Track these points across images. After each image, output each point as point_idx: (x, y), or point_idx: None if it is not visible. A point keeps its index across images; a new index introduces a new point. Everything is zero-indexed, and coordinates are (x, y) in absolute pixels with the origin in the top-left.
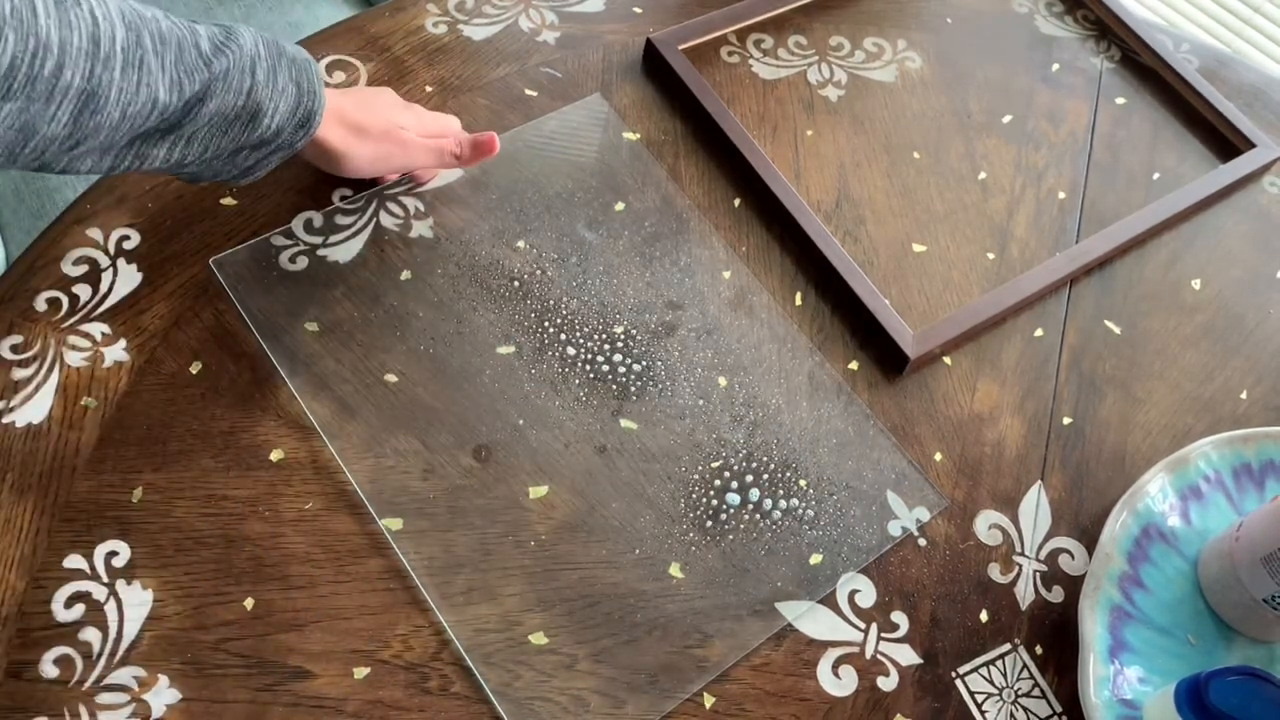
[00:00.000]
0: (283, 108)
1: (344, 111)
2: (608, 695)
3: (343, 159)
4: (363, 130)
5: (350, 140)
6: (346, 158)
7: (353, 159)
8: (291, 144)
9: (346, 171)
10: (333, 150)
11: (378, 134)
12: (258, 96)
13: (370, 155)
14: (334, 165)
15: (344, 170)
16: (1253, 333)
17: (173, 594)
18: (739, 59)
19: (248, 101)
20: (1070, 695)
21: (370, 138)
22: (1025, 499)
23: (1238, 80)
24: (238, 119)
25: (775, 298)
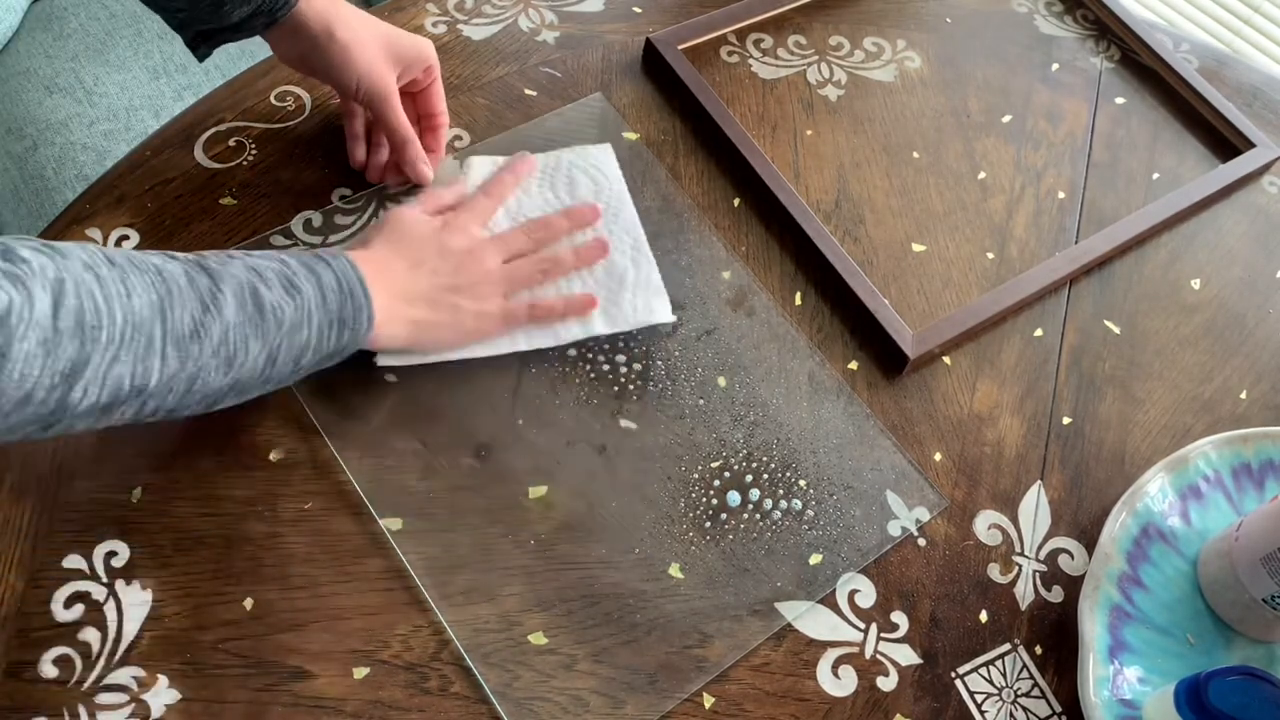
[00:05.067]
0: (330, 346)
1: (396, 301)
2: (607, 695)
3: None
4: (415, 309)
5: (412, 329)
6: (421, 344)
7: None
8: (343, 351)
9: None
10: (403, 343)
11: (429, 306)
12: (312, 347)
13: (434, 338)
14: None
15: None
16: (1252, 332)
17: (172, 594)
18: (738, 59)
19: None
20: (1070, 695)
21: (426, 315)
22: (1025, 499)
23: (1237, 80)
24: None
25: (775, 298)
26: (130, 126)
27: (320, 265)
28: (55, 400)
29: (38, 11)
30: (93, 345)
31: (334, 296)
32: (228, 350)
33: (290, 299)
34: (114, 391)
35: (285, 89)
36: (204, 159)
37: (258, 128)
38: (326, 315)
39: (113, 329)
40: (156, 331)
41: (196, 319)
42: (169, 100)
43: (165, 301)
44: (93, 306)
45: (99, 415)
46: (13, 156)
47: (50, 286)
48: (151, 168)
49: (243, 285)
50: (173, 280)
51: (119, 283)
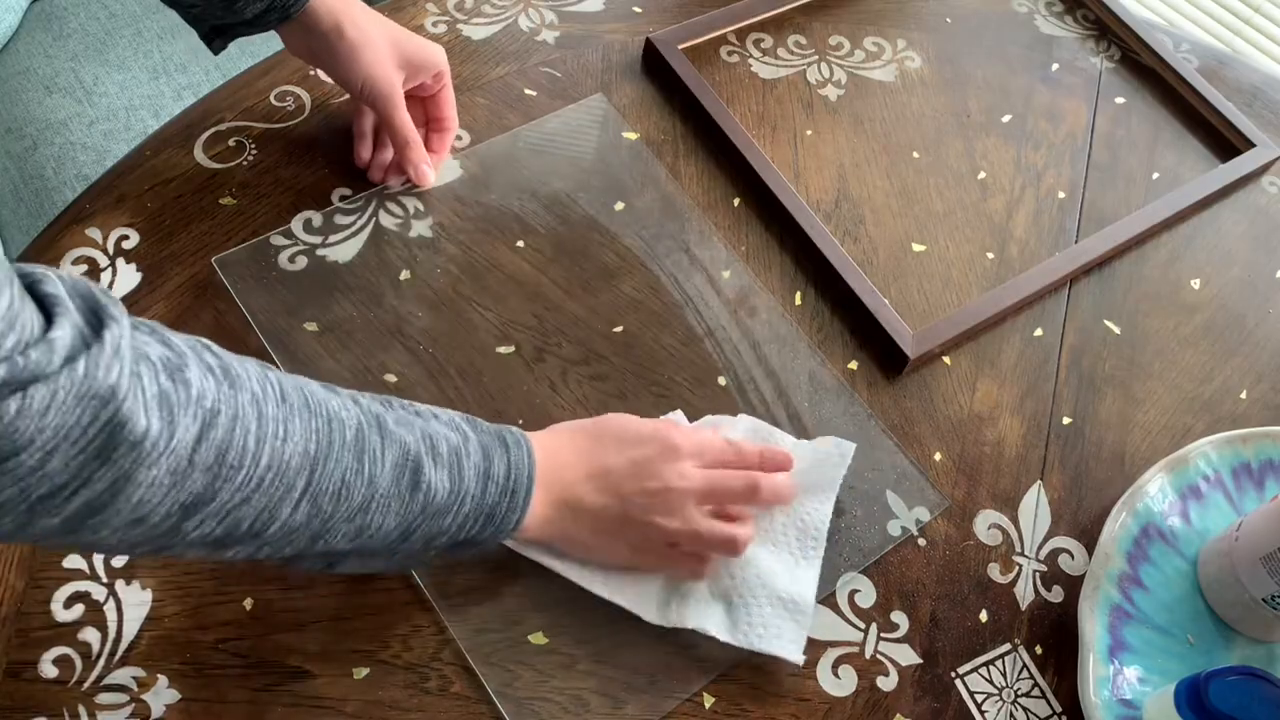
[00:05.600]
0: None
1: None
2: (607, 695)
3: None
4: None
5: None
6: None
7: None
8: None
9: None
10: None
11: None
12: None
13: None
14: None
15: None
16: (1252, 332)
17: (172, 594)
18: (738, 59)
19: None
20: (1070, 695)
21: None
22: (1025, 499)
23: (1237, 80)
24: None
25: (775, 297)
26: (130, 126)
27: (499, 451)
28: (169, 526)
29: (37, 11)
30: (224, 483)
31: (494, 490)
32: (364, 519)
33: (449, 482)
34: (230, 528)
35: (285, 89)
36: (204, 159)
37: (258, 128)
38: (478, 507)
39: (253, 470)
40: (299, 483)
41: (346, 480)
42: (169, 100)
43: (321, 455)
44: (240, 445)
45: (212, 548)
46: (12, 156)
47: (201, 416)
48: (151, 168)
49: (408, 457)
50: (339, 433)
51: (281, 424)
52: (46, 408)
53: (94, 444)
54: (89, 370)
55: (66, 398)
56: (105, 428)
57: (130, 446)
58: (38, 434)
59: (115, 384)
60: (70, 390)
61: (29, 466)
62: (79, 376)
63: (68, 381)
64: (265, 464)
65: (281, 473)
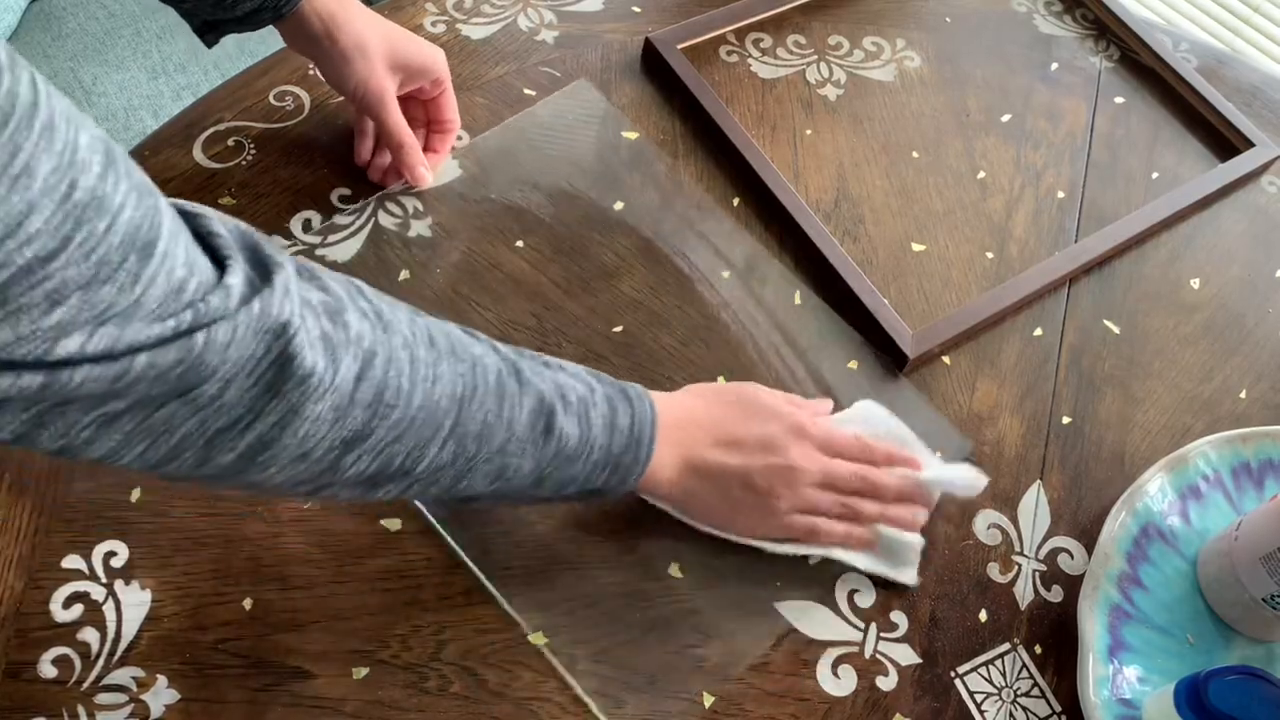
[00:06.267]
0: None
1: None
2: (607, 695)
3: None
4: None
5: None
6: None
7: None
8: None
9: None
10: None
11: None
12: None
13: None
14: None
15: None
16: (1252, 332)
17: (171, 594)
18: (738, 58)
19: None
20: (1069, 695)
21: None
22: (1024, 498)
23: (1236, 80)
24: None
25: (774, 297)
26: (129, 126)
27: (623, 402)
28: (329, 461)
29: (36, 11)
30: (380, 420)
31: (620, 439)
32: (502, 461)
33: (579, 430)
34: (383, 466)
35: (284, 89)
36: (203, 159)
37: (257, 128)
38: (606, 456)
39: (406, 410)
40: (446, 423)
41: (488, 422)
42: (168, 100)
43: (466, 398)
44: (396, 385)
45: (365, 487)
46: None
47: (361, 356)
48: (150, 168)
49: (543, 402)
50: (483, 378)
51: (431, 367)
52: (229, 342)
53: (266, 376)
54: (264, 307)
55: (245, 332)
56: (277, 361)
57: (299, 381)
58: (220, 365)
59: (288, 319)
60: (249, 325)
61: (209, 396)
62: (255, 313)
63: (246, 318)
64: (418, 404)
65: (431, 412)
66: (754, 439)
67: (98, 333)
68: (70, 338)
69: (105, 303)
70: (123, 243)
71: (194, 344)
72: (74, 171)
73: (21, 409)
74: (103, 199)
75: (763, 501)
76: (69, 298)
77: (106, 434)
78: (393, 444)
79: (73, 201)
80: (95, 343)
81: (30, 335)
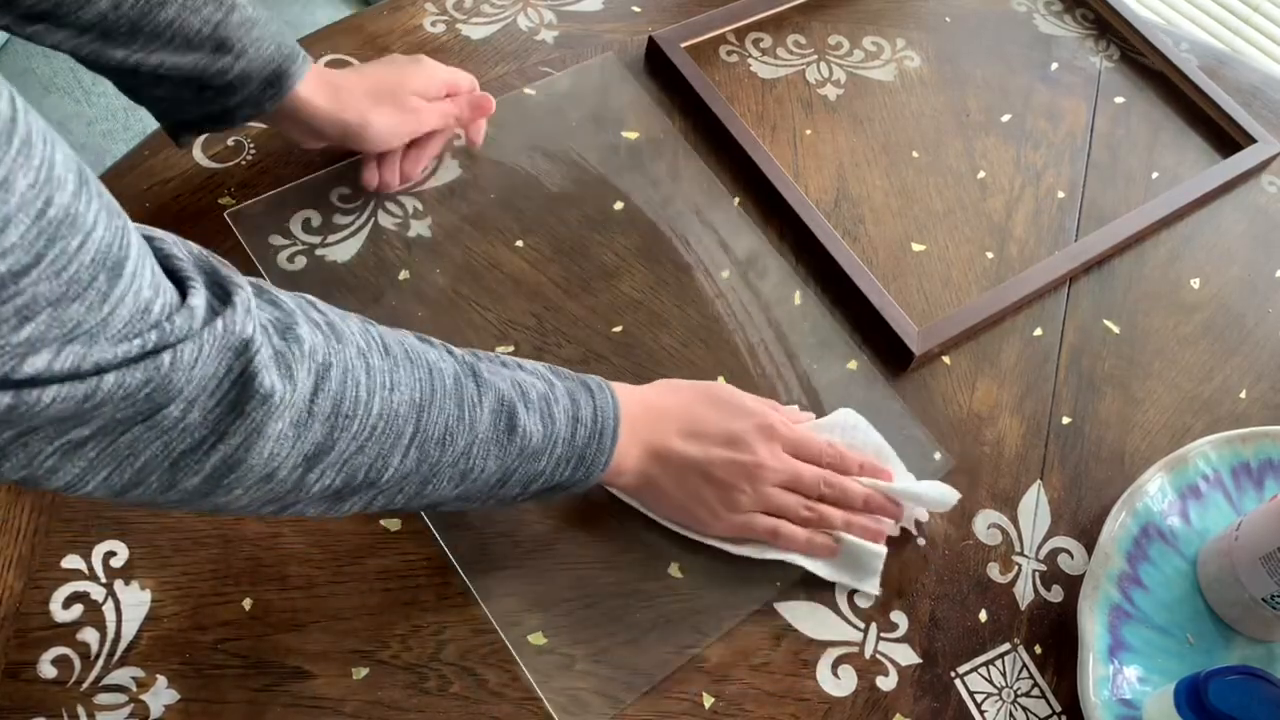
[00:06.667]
0: None
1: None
2: (607, 695)
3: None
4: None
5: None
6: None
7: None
8: None
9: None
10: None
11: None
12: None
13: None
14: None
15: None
16: (1251, 332)
17: (171, 594)
18: (738, 58)
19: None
20: (1069, 695)
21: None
22: (1024, 498)
23: (1237, 79)
24: None
25: (774, 296)
26: (129, 126)
27: (584, 395)
28: (293, 481)
29: None
30: (341, 433)
31: (583, 432)
32: (466, 464)
33: (542, 426)
34: (348, 479)
35: None
36: (202, 159)
37: (256, 127)
38: (570, 449)
39: (366, 420)
40: (408, 430)
41: (449, 426)
42: None
43: (425, 403)
44: (353, 395)
45: (331, 502)
46: None
47: (315, 370)
48: (150, 168)
49: (503, 403)
50: (439, 381)
51: (387, 374)
52: (194, 362)
53: (230, 396)
54: (227, 327)
55: (210, 351)
56: (239, 380)
57: (261, 399)
58: (186, 385)
59: (249, 337)
60: (213, 344)
61: (173, 418)
62: (219, 332)
63: (210, 337)
64: (376, 412)
65: (391, 420)
66: (720, 433)
67: (65, 350)
68: (38, 355)
69: (74, 320)
70: (94, 261)
71: (160, 363)
72: (50, 188)
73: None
74: (76, 217)
75: (723, 496)
76: (39, 314)
77: (70, 462)
78: (355, 455)
79: (47, 219)
80: (62, 361)
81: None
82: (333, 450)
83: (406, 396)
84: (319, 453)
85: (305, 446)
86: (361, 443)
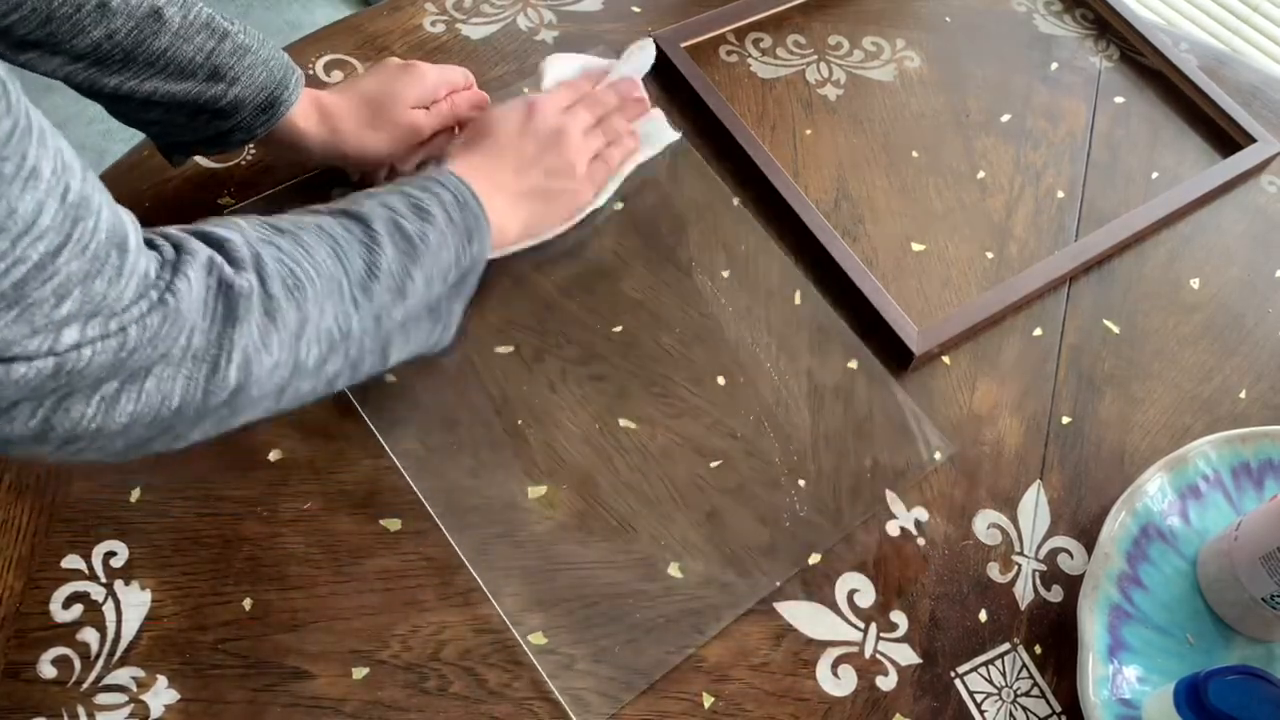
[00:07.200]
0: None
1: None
2: (607, 695)
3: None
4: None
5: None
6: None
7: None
8: None
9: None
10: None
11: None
12: None
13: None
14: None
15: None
16: (1251, 332)
17: (171, 594)
18: (737, 58)
19: None
20: (1069, 695)
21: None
22: (1024, 498)
23: (1236, 79)
24: None
25: (774, 296)
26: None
27: (436, 186)
28: (291, 364)
29: None
30: (305, 300)
31: (457, 213)
32: (395, 282)
33: (427, 224)
34: (329, 341)
35: None
36: (202, 158)
37: None
38: (456, 232)
39: (313, 286)
40: (342, 279)
41: (366, 261)
42: None
43: (338, 251)
44: (288, 270)
45: (318, 374)
46: None
47: (253, 264)
48: (150, 167)
49: (387, 221)
50: (334, 230)
51: (296, 245)
52: (188, 290)
53: (218, 310)
54: (193, 254)
55: (196, 278)
56: (219, 292)
57: (243, 299)
58: (189, 313)
59: (209, 256)
60: (196, 273)
61: (181, 346)
62: (195, 264)
63: (191, 269)
64: (314, 274)
65: (329, 277)
66: (527, 143)
67: (91, 322)
68: (70, 328)
69: (99, 294)
70: (107, 238)
71: (168, 303)
72: (67, 175)
73: (30, 412)
74: (88, 199)
75: (569, 171)
76: (72, 291)
77: (111, 418)
78: (321, 318)
79: (69, 202)
80: (90, 330)
81: (44, 328)
82: (308, 321)
83: (323, 253)
84: (299, 327)
85: (288, 326)
86: (321, 305)
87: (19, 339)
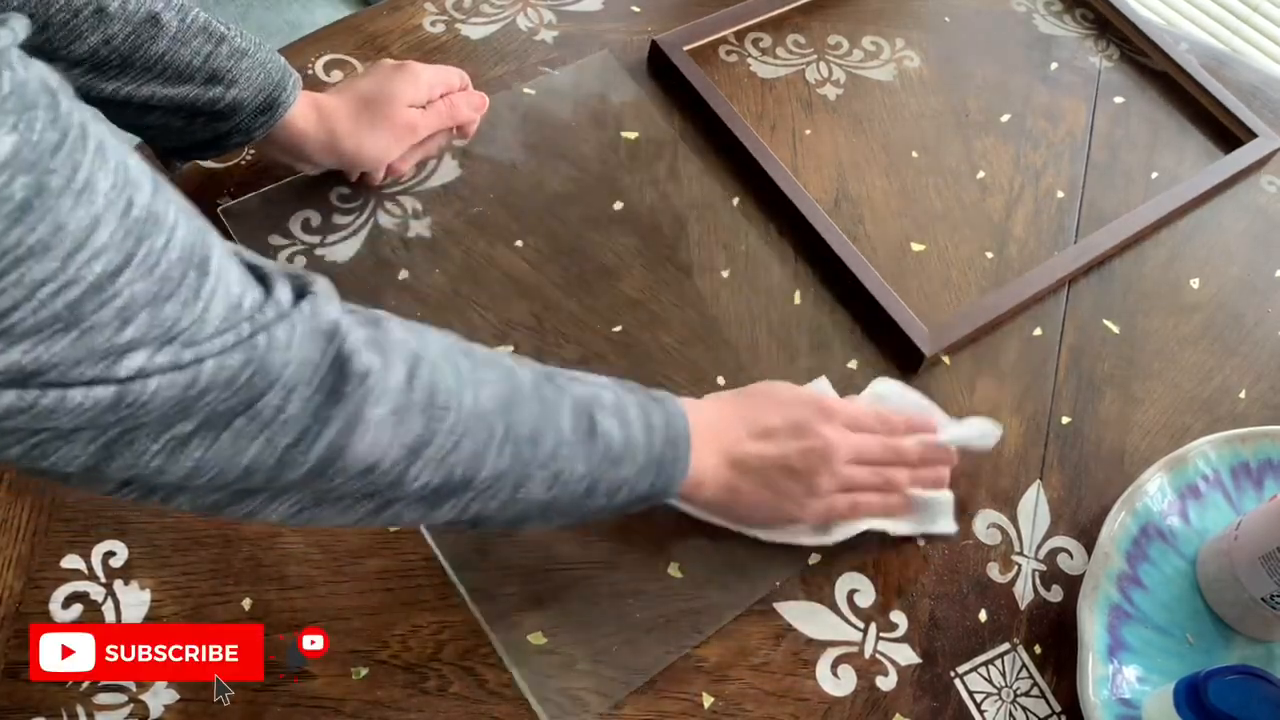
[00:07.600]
0: None
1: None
2: (607, 695)
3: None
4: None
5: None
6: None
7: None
8: None
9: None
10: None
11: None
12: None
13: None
14: None
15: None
16: (1251, 332)
17: (171, 594)
18: (737, 58)
19: None
20: (1069, 695)
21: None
22: (1024, 498)
23: (1236, 79)
24: None
25: (774, 296)
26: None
27: (653, 405)
28: (395, 474)
29: None
30: (438, 424)
31: (659, 439)
32: (556, 465)
33: (620, 430)
34: (445, 477)
35: None
36: None
37: None
38: (649, 457)
39: (460, 413)
40: (499, 426)
41: (536, 425)
42: None
43: (511, 401)
44: (446, 387)
45: (427, 505)
46: None
47: (407, 359)
48: None
49: (581, 406)
50: (519, 384)
51: (472, 373)
52: (289, 343)
53: (327, 381)
54: (315, 309)
55: (304, 331)
56: (335, 363)
57: (359, 379)
58: (284, 368)
59: (337, 320)
60: (305, 324)
61: (273, 407)
62: (307, 314)
63: (300, 318)
64: (469, 408)
65: (482, 417)
66: (786, 425)
67: (163, 349)
68: (136, 353)
69: (171, 319)
70: (181, 258)
71: (257, 345)
72: (130, 189)
73: (89, 439)
74: (158, 215)
75: (806, 484)
76: (138, 314)
77: (177, 461)
78: (452, 451)
79: (132, 217)
80: (159, 358)
81: (105, 353)
82: (431, 444)
83: (493, 393)
84: (419, 445)
85: (406, 437)
86: (458, 438)
87: (75, 362)
